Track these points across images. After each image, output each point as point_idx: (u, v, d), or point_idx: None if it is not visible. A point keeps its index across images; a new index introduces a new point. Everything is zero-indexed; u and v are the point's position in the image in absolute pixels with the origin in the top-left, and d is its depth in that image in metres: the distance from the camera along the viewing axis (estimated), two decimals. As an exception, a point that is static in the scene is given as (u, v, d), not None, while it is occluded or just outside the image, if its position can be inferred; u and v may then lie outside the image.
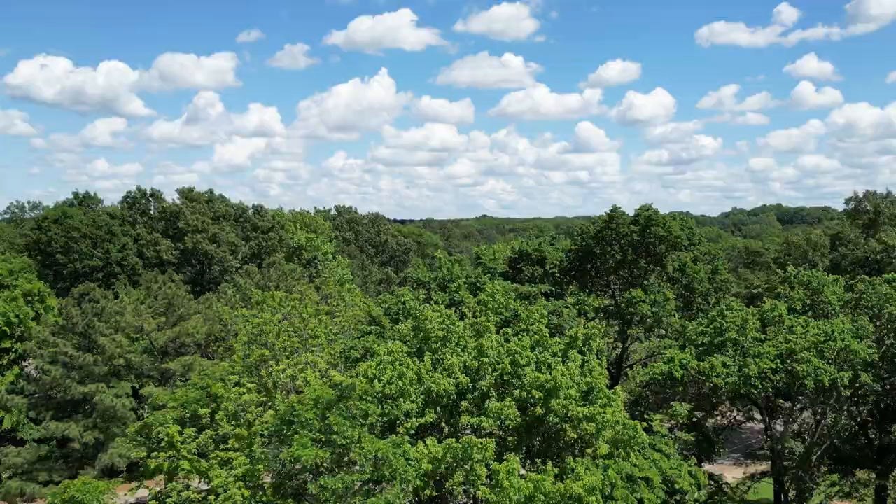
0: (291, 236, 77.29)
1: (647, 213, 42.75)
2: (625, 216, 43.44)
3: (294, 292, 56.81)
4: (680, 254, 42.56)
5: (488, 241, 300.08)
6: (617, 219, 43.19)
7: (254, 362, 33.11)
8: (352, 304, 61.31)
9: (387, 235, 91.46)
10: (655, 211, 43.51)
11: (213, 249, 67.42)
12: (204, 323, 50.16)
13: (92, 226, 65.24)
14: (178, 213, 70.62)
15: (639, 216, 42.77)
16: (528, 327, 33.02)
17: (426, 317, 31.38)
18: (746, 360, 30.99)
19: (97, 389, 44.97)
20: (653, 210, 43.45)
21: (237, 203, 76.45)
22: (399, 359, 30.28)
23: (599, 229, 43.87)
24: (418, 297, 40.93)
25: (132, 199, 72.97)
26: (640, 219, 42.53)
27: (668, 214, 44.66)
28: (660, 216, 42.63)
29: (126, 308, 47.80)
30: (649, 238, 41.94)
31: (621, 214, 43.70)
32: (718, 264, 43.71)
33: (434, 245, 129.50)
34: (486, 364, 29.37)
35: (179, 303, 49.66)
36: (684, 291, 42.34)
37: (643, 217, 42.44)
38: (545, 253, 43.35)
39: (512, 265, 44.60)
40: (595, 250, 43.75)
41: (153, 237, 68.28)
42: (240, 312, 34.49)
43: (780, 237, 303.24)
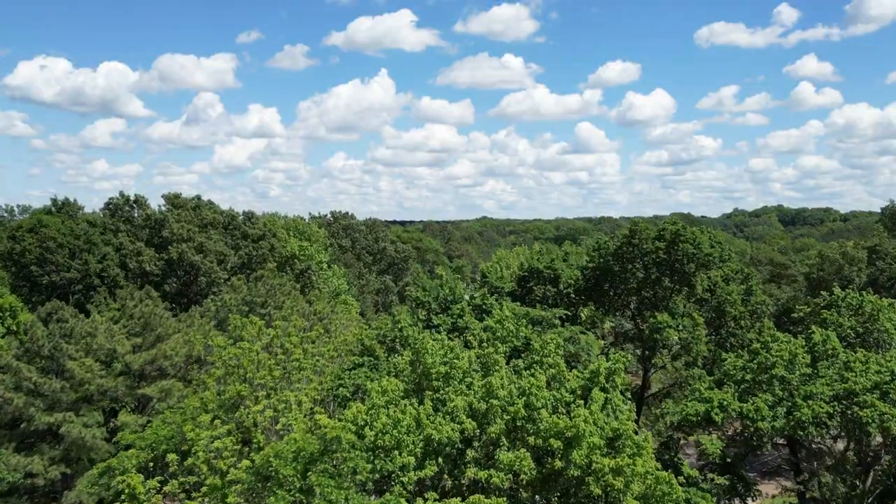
0: (284, 245, 73.26)
1: (673, 227, 38.64)
2: (648, 231, 39.36)
3: (284, 308, 52.96)
4: (710, 272, 38.50)
5: (489, 244, 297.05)
6: (639, 234, 39.11)
7: (230, 399, 29.12)
8: (345, 322, 57.34)
9: (385, 242, 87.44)
10: (683, 226, 39.38)
11: (200, 260, 63.39)
12: (184, 344, 46.11)
13: (70, 235, 61.22)
14: (163, 220, 66.61)
15: (664, 231, 38.69)
16: (543, 359, 29.03)
17: (426, 349, 27.39)
18: (797, 402, 26.97)
19: (64, 419, 40.89)
20: (680, 224, 39.32)
21: (226, 210, 72.46)
22: (394, 399, 26.26)
23: (620, 245, 39.82)
24: (418, 320, 36.92)
25: (114, 205, 68.96)
26: (665, 234, 38.45)
27: (697, 229, 40.53)
28: (688, 231, 38.53)
29: (98, 328, 43.74)
30: (676, 255, 37.91)
31: (644, 229, 39.61)
32: (753, 284, 39.65)
33: (434, 251, 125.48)
34: (496, 406, 25.37)
35: (157, 322, 45.60)
36: (713, 314, 38.33)
37: (669, 232, 38.34)
38: (558, 271, 39.33)
39: (521, 284, 40.59)
40: (614, 268, 39.72)
41: (136, 247, 64.26)
42: (215, 342, 30.44)
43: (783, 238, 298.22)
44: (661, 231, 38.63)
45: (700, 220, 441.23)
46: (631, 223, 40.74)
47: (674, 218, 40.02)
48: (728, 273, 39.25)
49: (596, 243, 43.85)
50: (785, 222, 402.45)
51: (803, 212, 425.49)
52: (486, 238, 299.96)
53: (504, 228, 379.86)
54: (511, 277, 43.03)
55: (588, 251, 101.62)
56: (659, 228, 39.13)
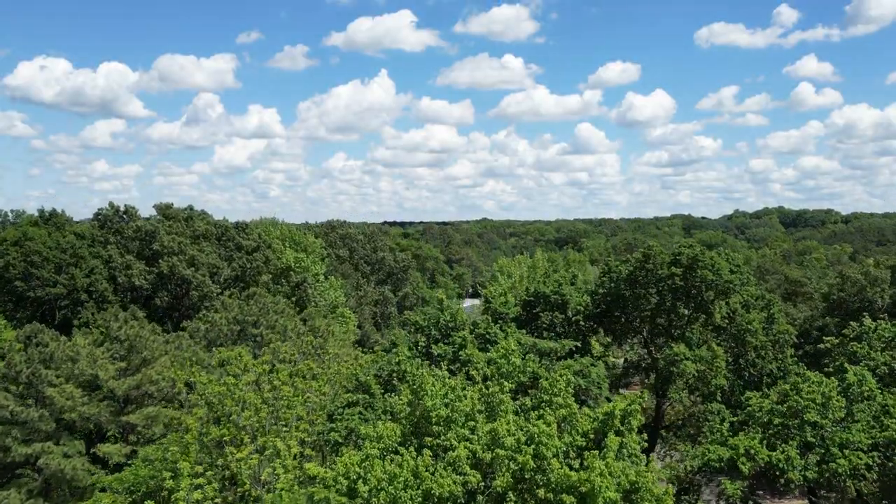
0: (279, 256, 71.04)
1: (690, 252, 36.33)
2: (663, 255, 37.06)
3: (277, 326, 50.73)
4: (729, 298, 36.25)
5: (489, 246, 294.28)
6: (654, 259, 36.84)
7: (213, 440, 26.92)
8: (341, 338, 54.98)
9: (383, 252, 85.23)
10: (701, 250, 37.06)
11: (191, 274, 61.15)
12: (171, 367, 43.88)
13: (56, 248, 59.00)
14: (154, 232, 64.40)
15: (679, 255, 36.38)
16: (552, 398, 26.77)
17: (425, 390, 25.14)
18: (832, 451, 24.78)
19: (43, 449, 38.67)
20: (698, 249, 37.00)
21: (220, 220, 70.24)
22: (391, 446, 24.02)
23: (632, 270, 37.56)
24: (416, 349, 34.64)
25: (104, 216, 66.74)
26: (681, 258, 36.17)
27: (715, 253, 38.16)
28: (707, 256, 36.21)
29: (80, 352, 41.53)
30: (694, 282, 35.66)
31: (659, 253, 37.32)
32: (775, 311, 37.37)
33: (434, 258, 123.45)
34: (502, 456, 23.13)
35: (143, 345, 43.36)
36: (733, 343, 36.11)
37: (686, 257, 36.04)
38: (566, 296, 37.07)
39: (527, 308, 38.36)
40: (626, 294, 37.48)
41: (125, 260, 62.03)
42: (197, 379, 28.21)
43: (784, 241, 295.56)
44: (677, 255, 36.31)
45: (700, 221, 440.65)
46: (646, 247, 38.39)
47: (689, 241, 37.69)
48: (748, 299, 37.01)
49: (606, 266, 41.52)
50: (786, 224, 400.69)
51: (804, 213, 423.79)
52: (486, 240, 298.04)
53: (504, 230, 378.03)
54: (516, 299, 40.70)
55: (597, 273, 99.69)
56: (674, 253, 36.82)
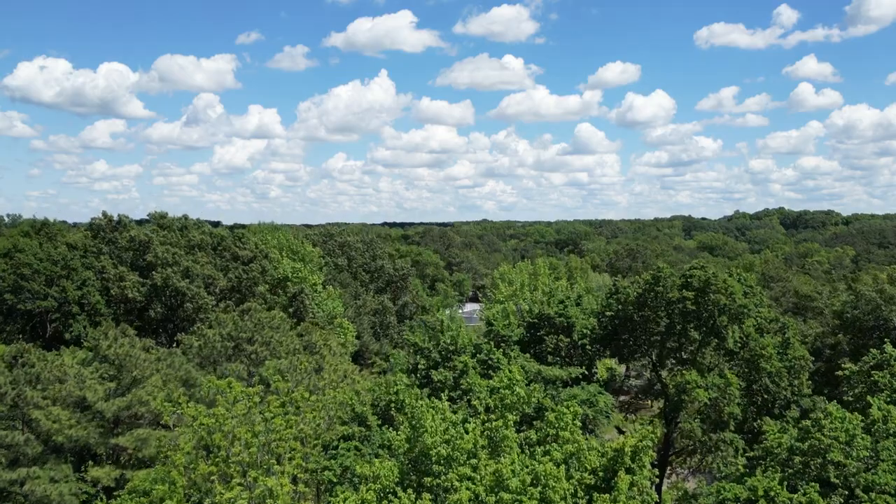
0: (276, 266, 69.64)
1: (702, 274, 34.95)
2: (673, 277, 35.71)
3: (272, 343, 49.33)
4: (743, 323, 34.85)
5: (489, 248, 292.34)
6: (664, 281, 35.47)
7: (200, 477, 25.52)
8: (339, 352, 53.61)
9: (382, 260, 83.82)
10: (714, 273, 35.67)
11: (185, 286, 59.74)
12: (163, 386, 42.50)
13: (47, 260, 57.62)
14: (148, 242, 63.01)
15: (691, 278, 35.01)
16: (559, 432, 25.43)
17: (424, 426, 23.78)
18: (857, 494, 23.43)
19: (28, 475, 37.26)
20: (710, 272, 35.62)
21: (216, 230, 68.84)
22: (388, 487, 22.67)
23: (642, 292, 36.18)
24: (416, 374, 33.27)
25: (97, 226, 65.35)
26: (692, 281, 34.79)
27: (728, 276, 36.73)
28: (719, 279, 34.84)
29: (68, 373, 40.14)
30: (706, 306, 34.30)
31: (669, 276, 35.94)
32: (790, 336, 35.97)
33: (434, 264, 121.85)
34: (507, 500, 21.78)
35: (133, 364, 41.96)
36: (746, 368, 34.71)
37: (697, 280, 34.66)
38: (572, 319, 35.71)
39: (531, 330, 36.97)
40: (634, 317, 36.13)
41: (118, 271, 60.64)
42: (185, 411, 26.83)
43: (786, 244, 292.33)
44: (688, 278, 34.92)
45: (700, 222, 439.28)
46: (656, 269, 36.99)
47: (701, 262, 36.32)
48: (761, 322, 35.62)
49: (613, 287, 40.07)
50: (786, 225, 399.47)
51: (805, 214, 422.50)
52: (486, 242, 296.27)
53: (505, 232, 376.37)
54: (519, 320, 39.34)
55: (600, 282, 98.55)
56: (685, 275, 35.42)
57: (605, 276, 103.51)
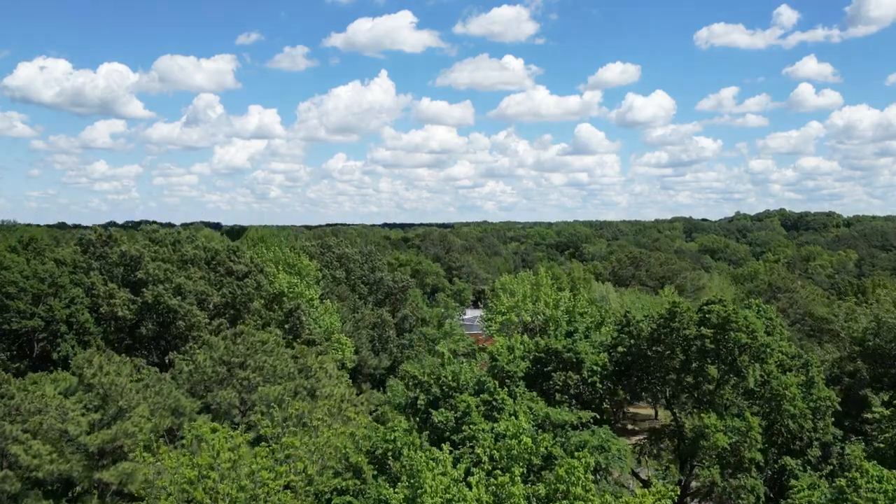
0: (271, 280, 67.74)
1: (720, 310, 33.05)
2: (690, 312, 33.83)
3: (265, 368, 47.43)
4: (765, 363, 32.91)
5: (489, 251, 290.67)
6: (680, 317, 33.61)
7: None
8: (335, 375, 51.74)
9: (381, 273, 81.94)
10: (734, 309, 33.79)
11: (177, 303, 57.84)
12: (151, 415, 40.63)
13: (34, 278, 55.73)
14: (139, 258, 61.14)
15: (708, 314, 33.15)
16: (570, 487, 23.52)
17: (424, 487, 21.88)
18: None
19: (6, 514, 35.40)
20: (730, 309, 33.72)
21: (209, 244, 66.95)
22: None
23: (656, 328, 34.32)
24: (414, 407, 31.37)
25: (87, 242, 63.46)
26: (711, 317, 32.93)
27: (749, 311, 34.77)
28: (740, 316, 32.93)
29: (49, 405, 38.22)
30: (726, 344, 32.41)
31: (686, 310, 34.08)
32: (814, 374, 34.09)
33: (434, 273, 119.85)
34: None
35: (119, 393, 40.03)
36: (766, 408, 32.82)
37: (716, 316, 32.80)
38: (581, 354, 33.84)
39: (538, 365, 35.11)
40: (648, 353, 34.26)
41: (108, 288, 58.76)
42: (166, 464, 24.91)
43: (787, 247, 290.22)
44: (707, 314, 33.02)
45: (701, 224, 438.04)
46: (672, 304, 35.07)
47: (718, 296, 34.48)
48: (783, 358, 33.67)
49: (625, 319, 38.14)
50: (787, 226, 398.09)
51: (806, 216, 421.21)
52: (486, 244, 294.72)
53: (505, 234, 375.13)
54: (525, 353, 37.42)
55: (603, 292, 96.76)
56: (703, 309, 33.52)
57: (608, 286, 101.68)
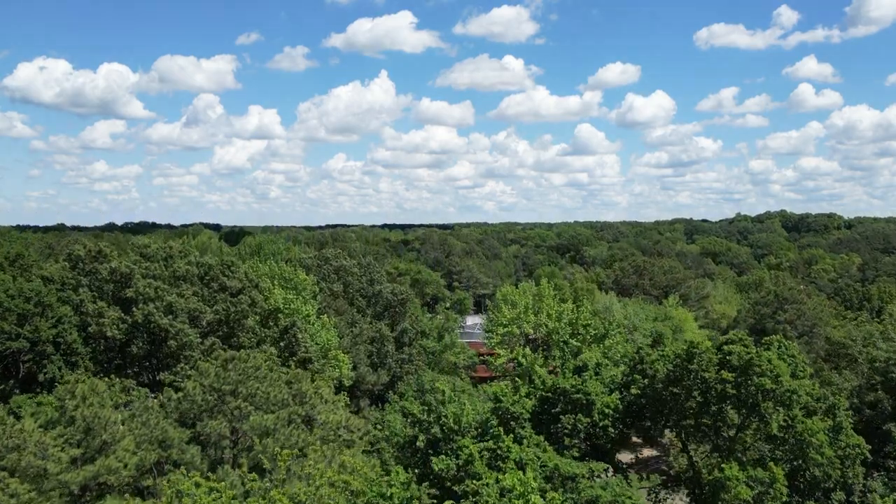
0: (266, 296, 65.82)
1: (742, 352, 31.01)
2: (709, 353, 31.82)
3: (258, 396, 45.51)
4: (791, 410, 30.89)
5: (490, 254, 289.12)
6: (698, 358, 31.60)
7: None
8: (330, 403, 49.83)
9: (380, 285, 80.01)
10: (757, 352, 31.73)
11: (168, 322, 55.94)
12: (136, 449, 38.71)
13: (19, 297, 53.80)
14: (130, 275, 59.21)
15: (729, 355, 31.13)
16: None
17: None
18: None
19: (-19, 559, 33.46)
20: (753, 351, 31.66)
21: (202, 259, 65.02)
22: None
23: (673, 368, 32.31)
24: (412, 447, 29.43)
25: (76, 258, 61.50)
26: (732, 359, 30.93)
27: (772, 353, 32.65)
28: (763, 359, 30.87)
29: (28, 440, 36.26)
30: (748, 388, 30.39)
31: (706, 350, 32.05)
32: (842, 418, 32.11)
33: (434, 283, 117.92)
34: None
35: (102, 426, 38.11)
36: (790, 455, 30.87)
37: (737, 358, 30.78)
38: (591, 396, 31.85)
39: (545, 405, 33.14)
40: (663, 395, 32.28)
41: (97, 307, 56.85)
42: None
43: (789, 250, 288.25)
44: (727, 355, 30.96)
45: (702, 225, 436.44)
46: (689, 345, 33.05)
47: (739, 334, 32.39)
48: (808, 401, 31.61)
49: (638, 357, 36.13)
50: (788, 228, 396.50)
51: (807, 217, 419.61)
52: (487, 247, 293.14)
53: (505, 236, 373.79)
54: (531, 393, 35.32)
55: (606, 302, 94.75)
56: (723, 349, 31.46)
57: (611, 296, 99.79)
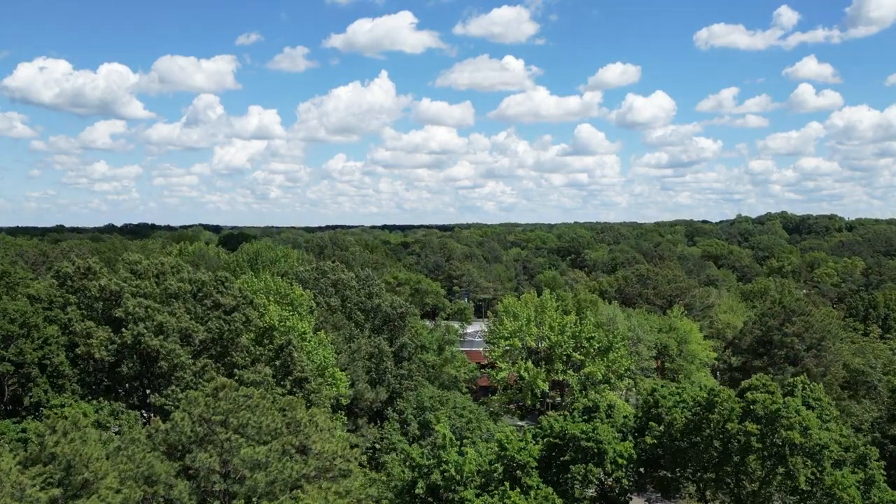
0: (262, 313, 63.90)
1: (768, 401, 28.87)
2: (731, 401, 29.74)
3: (249, 427, 43.61)
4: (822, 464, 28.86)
5: (490, 256, 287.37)
6: (720, 407, 29.53)
7: None
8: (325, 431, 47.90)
9: (379, 299, 78.11)
10: (785, 402, 29.61)
11: (159, 343, 54.04)
12: (120, 486, 36.77)
13: (2, 318, 51.89)
14: (119, 293, 57.31)
15: (753, 404, 29.02)
16: None
17: None
18: None
19: None
20: (780, 400, 29.51)
21: (196, 276, 63.08)
22: None
23: (692, 416, 30.23)
24: (411, 493, 27.49)
25: (64, 275, 59.57)
26: (756, 409, 28.81)
27: (799, 403, 30.46)
28: (791, 409, 28.76)
29: (4, 480, 34.30)
30: (774, 441, 28.36)
31: (728, 398, 29.97)
32: (874, 470, 30.14)
33: (434, 293, 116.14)
34: None
35: (83, 463, 36.16)
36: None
37: (763, 407, 28.63)
38: (603, 444, 29.82)
39: (553, 451, 31.15)
40: (682, 445, 30.29)
41: (85, 326, 54.95)
42: None
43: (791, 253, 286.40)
44: (750, 404, 28.79)
45: (703, 227, 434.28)
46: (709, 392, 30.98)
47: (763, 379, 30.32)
48: (835, 450, 29.56)
49: (653, 399, 33.99)
50: (789, 229, 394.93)
51: (808, 219, 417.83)
52: (487, 249, 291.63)
53: (505, 238, 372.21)
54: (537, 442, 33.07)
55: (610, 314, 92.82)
56: (745, 397, 29.26)
57: (615, 307, 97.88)
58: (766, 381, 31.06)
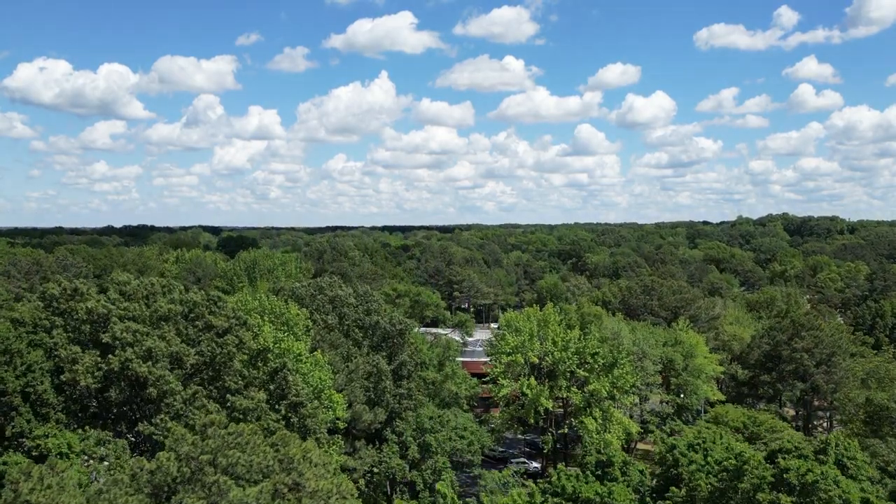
0: (256, 334, 61.64)
1: (802, 467, 26.42)
2: (762, 467, 27.31)
3: (239, 466, 41.42)
4: None
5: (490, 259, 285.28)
6: (749, 475, 27.06)
7: None
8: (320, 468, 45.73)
9: (377, 315, 75.89)
10: (822, 472, 27.14)
11: (147, 369, 51.83)
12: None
13: (-16, 345, 49.70)
14: (107, 316, 55.05)
15: (786, 472, 26.41)
16: None
17: None
18: None
19: None
20: (816, 471, 26.99)
21: (187, 297, 60.80)
22: None
23: (718, 483, 27.80)
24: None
25: (50, 296, 57.27)
26: (789, 477, 26.29)
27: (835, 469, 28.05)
28: (829, 478, 26.25)
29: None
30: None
31: (758, 464, 27.54)
32: None
33: (434, 305, 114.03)
34: None
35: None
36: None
37: (795, 475, 26.10)
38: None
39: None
40: None
41: (71, 351, 52.71)
42: None
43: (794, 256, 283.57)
44: (783, 472, 26.32)
45: (704, 228, 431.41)
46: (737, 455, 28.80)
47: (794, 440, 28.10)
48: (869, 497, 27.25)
49: (670, 456, 31.85)
50: (790, 231, 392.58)
51: (809, 220, 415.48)
52: (487, 252, 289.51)
53: (506, 240, 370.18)
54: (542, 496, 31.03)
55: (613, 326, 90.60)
56: (777, 464, 26.96)
57: (619, 320, 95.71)
58: (798, 445, 28.71)
